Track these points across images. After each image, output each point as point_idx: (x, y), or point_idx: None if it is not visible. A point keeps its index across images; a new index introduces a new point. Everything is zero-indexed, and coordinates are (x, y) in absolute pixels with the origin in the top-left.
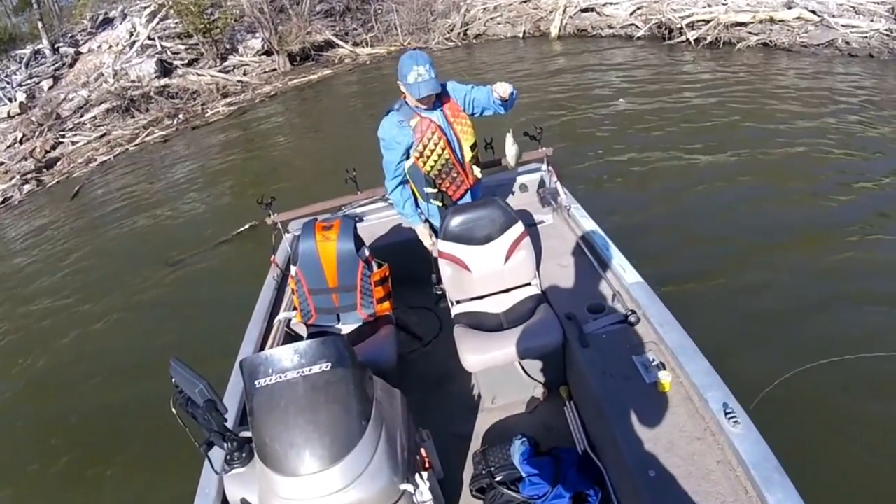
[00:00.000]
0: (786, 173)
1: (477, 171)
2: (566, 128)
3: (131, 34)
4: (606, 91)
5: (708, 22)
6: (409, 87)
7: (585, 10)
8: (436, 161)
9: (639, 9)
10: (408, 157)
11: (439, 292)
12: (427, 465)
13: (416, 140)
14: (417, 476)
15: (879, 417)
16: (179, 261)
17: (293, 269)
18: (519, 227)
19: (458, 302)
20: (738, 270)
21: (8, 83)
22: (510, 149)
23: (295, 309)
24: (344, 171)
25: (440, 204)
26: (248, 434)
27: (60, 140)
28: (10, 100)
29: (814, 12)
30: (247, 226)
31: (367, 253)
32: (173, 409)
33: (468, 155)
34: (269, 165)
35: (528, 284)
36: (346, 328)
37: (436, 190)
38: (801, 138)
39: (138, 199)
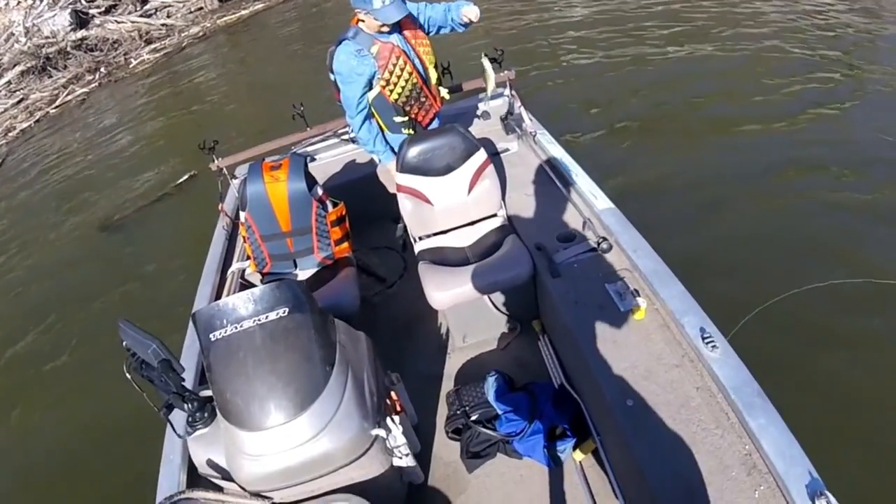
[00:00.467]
0: (758, 73)
1: (444, 91)
2: (524, 46)
3: None
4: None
5: None
6: (377, 13)
7: None
8: (403, 87)
9: None
10: (370, 88)
11: (401, 231)
12: (398, 409)
13: (380, 68)
14: (389, 420)
15: (858, 335)
16: (118, 221)
17: (242, 215)
18: (481, 155)
19: (420, 238)
20: (714, 189)
21: None
22: (489, 72)
23: (248, 258)
24: (290, 108)
25: (412, 132)
26: (209, 393)
27: None
28: None
29: None
30: (185, 177)
31: (320, 192)
32: (127, 374)
33: (433, 76)
34: (205, 111)
35: (494, 216)
36: (303, 274)
37: (406, 118)
38: (770, 40)
39: (67, 164)
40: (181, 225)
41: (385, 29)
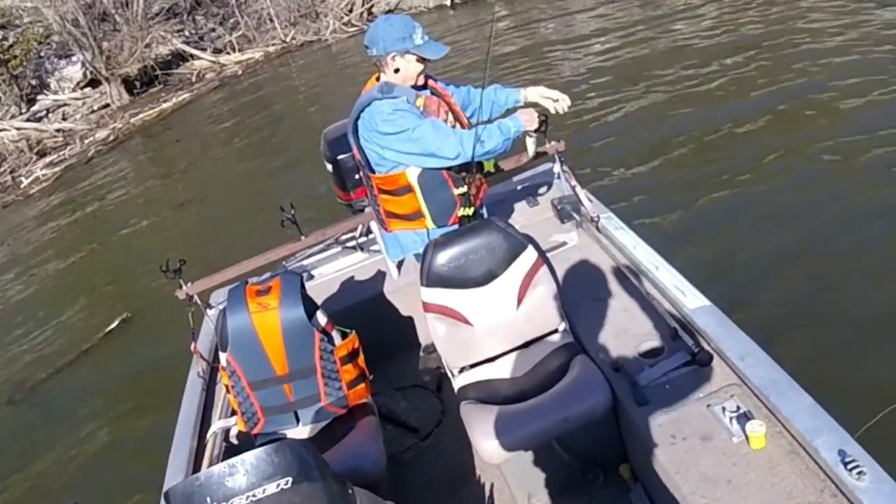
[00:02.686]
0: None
1: (489, 163)
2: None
3: None
4: (584, 48)
5: None
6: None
7: None
8: None
9: None
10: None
11: (432, 362)
12: None
13: None
14: None
15: None
16: (29, 389)
17: (223, 357)
18: (531, 255)
19: (460, 371)
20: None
21: None
22: (529, 138)
23: (234, 413)
24: (248, 219)
25: (470, 213)
26: None
27: None
28: None
29: None
30: (116, 322)
31: (323, 320)
32: None
33: None
34: (131, 235)
35: (555, 332)
36: (308, 429)
37: (465, 189)
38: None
39: None
40: (124, 380)
41: (420, 80)
